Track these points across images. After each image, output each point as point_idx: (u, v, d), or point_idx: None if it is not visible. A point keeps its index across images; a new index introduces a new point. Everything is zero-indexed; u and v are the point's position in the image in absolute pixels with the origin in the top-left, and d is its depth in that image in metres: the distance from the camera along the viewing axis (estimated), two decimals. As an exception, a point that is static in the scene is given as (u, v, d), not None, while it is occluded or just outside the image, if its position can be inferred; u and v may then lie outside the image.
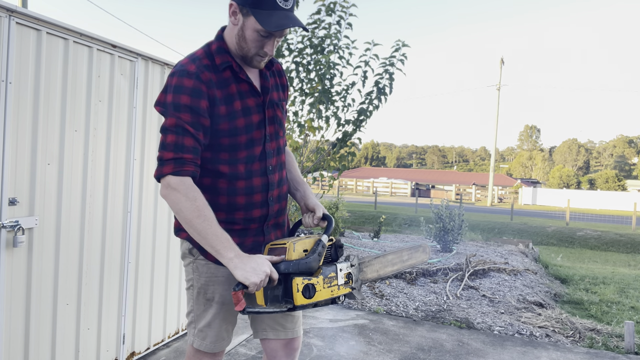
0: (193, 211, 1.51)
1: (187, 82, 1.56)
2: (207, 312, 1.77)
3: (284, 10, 1.56)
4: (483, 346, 3.88)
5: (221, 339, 1.81)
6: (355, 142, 5.24)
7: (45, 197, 2.43)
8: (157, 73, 3.19)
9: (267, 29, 1.53)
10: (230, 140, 1.64)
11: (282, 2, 1.56)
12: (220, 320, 1.79)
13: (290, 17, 1.57)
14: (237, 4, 1.58)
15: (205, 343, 1.78)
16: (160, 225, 3.31)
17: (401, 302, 5.04)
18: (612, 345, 4.02)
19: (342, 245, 1.78)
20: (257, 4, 1.54)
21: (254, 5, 1.55)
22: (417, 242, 10.07)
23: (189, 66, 1.60)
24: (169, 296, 3.46)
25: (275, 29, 1.54)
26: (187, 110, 1.54)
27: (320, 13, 5.01)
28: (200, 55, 1.65)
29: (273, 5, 1.54)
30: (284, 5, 1.56)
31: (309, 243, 1.64)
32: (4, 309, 2.26)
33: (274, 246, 1.65)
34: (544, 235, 17.64)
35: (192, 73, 1.58)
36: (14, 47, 2.21)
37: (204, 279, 1.76)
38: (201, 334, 1.77)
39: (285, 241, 1.62)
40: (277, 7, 1.55)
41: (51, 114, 2.43)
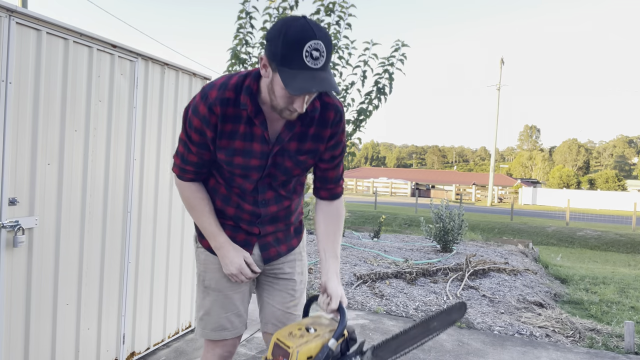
0: (188, 204, 1.80)
1: (201, 109, 1.61)
2: (205, 300, 1.87)
3: (313, 70, 1.42)
4: (483, 346, 3.88)
5: (222, 328, 1.85)
6: (355, 142, 5.24)
7: (45, 197, 2.44)
8: (157, 73, 3.19)
9: (290, 92, 1.41)
10: (227, 169, 1.73)
11: (311, 61, 1.41)
12: (219, 308, 1.85)
13: (318, 78, 1.42)
14: (267, 58, 1.48)
15: (206, 331, 1.86)
16: (160, 225, 3.31)
17: (401, 302, 5.04)
18: (612, 345, 4.02)
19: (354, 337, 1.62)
20: (284, 62, 1.42)
21: (281, 63, 1.42)
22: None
23: (211, 92, 1.60)
24: (169, 296, 3.46)
25: (297, 92, 1.40)
26: (197, 132, 1.65)
27: (320, 13, 5.01)
28: (230, 85, 1.61)
29: (301, 64, 1.40)
30: (312, 64, 1.41)
31: (314, 349, 1.52)
32: (4, 309, 2.26)
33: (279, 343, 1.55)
34: (544, 235, 17.64)
35: (208, 102, 1.59)
36: (14, 47, 2.21)
37: (202, 266, 1.89)
38: (202, 322, 1.88)
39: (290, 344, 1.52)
40: (305, 67, 1.41)
41: (51, 114, 2.43)
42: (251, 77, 1.60)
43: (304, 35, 1.39)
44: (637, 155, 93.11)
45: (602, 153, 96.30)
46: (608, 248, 16.12)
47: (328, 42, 1.43)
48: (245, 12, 5.12)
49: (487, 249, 9.32)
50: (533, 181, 52.55)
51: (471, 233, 12.83)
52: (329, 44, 1.44)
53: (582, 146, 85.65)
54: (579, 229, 18.42)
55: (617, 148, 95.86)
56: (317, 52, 1.40)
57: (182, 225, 3.54)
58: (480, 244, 10.08)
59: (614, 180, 58.39)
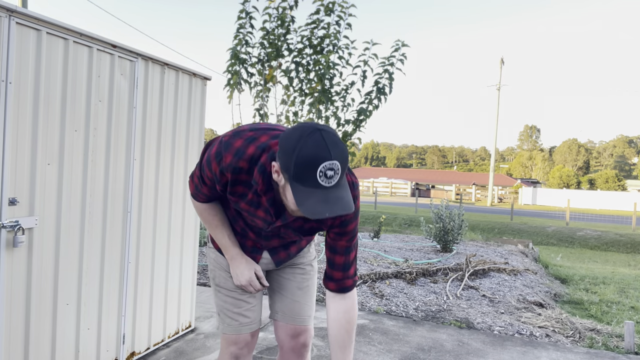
0: (202, 218, 1.84)
1: (214, 167, 1.60)
2: (218, 298, 1.96)
3: (327, 189, 1.35)
4: (483, 346, 3.88)
5: (237, 324, 1.92)
6: (355, 142, 5.24)
7: (45, 197, 2.44)
8: (157, 73, 3.19)
9: (302, 212, 1.35)
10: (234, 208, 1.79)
11: (325, 180, 1.33)
12: (231, 305, 1.92)
13: (332, 199, 1.34)
14: (279, 167, 1.41)
15: (223, 326, 1.95)
16: (160, 225, 3.31)
17: (401, 302, 5.04)
18: (612, 345, 4.02)
19: None
20: (297, 179, 1.35)
21: (294, 178, 1.35)
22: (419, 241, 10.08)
23: (226, 156, 1.56)
24: (169, 296, 3.46)
25: (309, 215, 1.34)
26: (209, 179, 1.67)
27: (319, 13, 5.01)
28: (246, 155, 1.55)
29: (314, 183, 1.33)
30: (326, 183, 1.34)
31: None
32: (4, 309, 2.26)
33: None
34: (544, 235, 17.64)
35: (221, 165, 1.58)
36: (14, 47, 2.21)
37: (212, 265, 1.97)
38: (219, 317, 1.96)
39: None
40: (318, 186, 1.34)
41: (51, 114, 2.43)
42: (268, 156, 1.53)
43: (318, 155, 1.32)
44: (637, 155, 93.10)
45: (602, 153, 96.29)
46: (608, 248, 16.12)
47: (344, 158, 1.36)
48: (245, 12, 5.13)
49: (487, 249, 9.32)
50: (533, 181, 52.54)
51: (471, 233, 12.83)
52: (345, 160, 1.37)
53: (582, 146, 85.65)
54: (579, 229, 18.42)
55: (617, 148, 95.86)
56: (332, 172, 1.33)
57: (182, 226, 3.54)
58: (480, 244, 10.08)
59: (614, 180, 58.39)
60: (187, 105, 3.51)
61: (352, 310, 1.71)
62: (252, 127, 1.63)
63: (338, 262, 1.69)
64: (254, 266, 1.84)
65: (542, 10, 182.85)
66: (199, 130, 3.67)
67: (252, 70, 5.27)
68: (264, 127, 1.63)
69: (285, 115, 5.28)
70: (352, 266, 1.72)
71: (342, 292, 1.71)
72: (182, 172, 3.51)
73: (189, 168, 3.57)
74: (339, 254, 1.69)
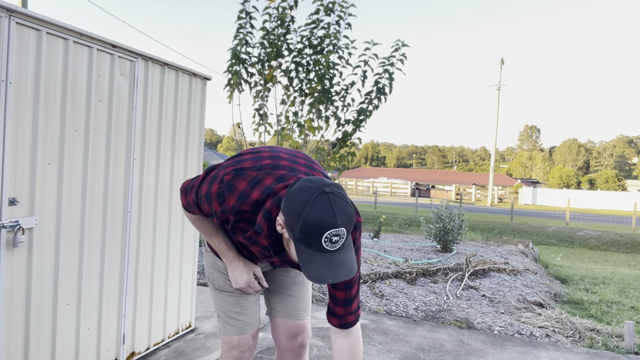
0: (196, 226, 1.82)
1: (215, 206, 1.58)
2: (217, 300, 1.95)
3: (331, 252, 1.33)
4: (483, 346, 3.88)
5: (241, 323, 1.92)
6: (355, 142, 5.24)
7: (45, 197, 2.44)
8: (157, 73, 3.19)
9: (305, 275, 1.34)
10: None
11: (329, 245, 1.32)
12: (231, 306, 1.92)
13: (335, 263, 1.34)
14: (285, 224, 1.39)
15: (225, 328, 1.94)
16: (160, 225, 3.31)
17: (401, 302, 5.04)
18: (612, 345, 4.02)
19: None
20: (303, 241, 1.33)
21: (300, 241, 1.34)
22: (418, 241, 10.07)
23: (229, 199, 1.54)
24: (169, 296, 3.46)
25: (312, 280, 1.34)
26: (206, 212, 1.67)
27: (319, 13, 5.01)
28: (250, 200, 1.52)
29: (318, 247, 1.32)
30: (331, 247, 1.32)
31: None
32: (4, 309, 2.26)
33: None
34: (544, 235, 17.64)
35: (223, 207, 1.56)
36: (14, 47, 2.21)
37: (210, 268, 1.97)
38: (220, 319, 1.96)
39: None
40: (322, 250, 1.33)
41: (51, 114, 2.43)
42: (273, 201, 1.50)
43: (324, 222, 1.30)
44: (637, 155, 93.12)
45: (602, 153, 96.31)
46: (608, 248, 16.12)
47: (350, 223, 1.34)
48: (245, 12, 5.12)
49: (487, 249, 9.32)
50: (533, 181, 52.54)
51: (471, 233, 12.82)
52: (351, 223, 1.35)
53: (582, 146, 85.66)
54: (579, 229, 18.42)
55: (617, 148, 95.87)
56: (337, 237, 1.32)
57: (182, 225, 3.54)
58: (480, 244, 10.08)
59: (614, 180, 58.38)
60: (187, 105, 3.51)
61: (357, 346, 1.67)
62: (255, 165, 1.58)
63: (339, 297, 1.64)
64: (252, 268, 1.83)
65: (542, 10, 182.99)
66: (199, 130, 3.67)
67: (252, 70, 5.27)
68: (268, 165, 1.58)
69: (285, 115, 5.28)
70: (354, 301, 1.66)
71: (345, 328, 1.66)
72: (182, 172, 3.51)
73: (189, 168, 3.57)
74: (340, 290, 1.63)
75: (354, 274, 1.35)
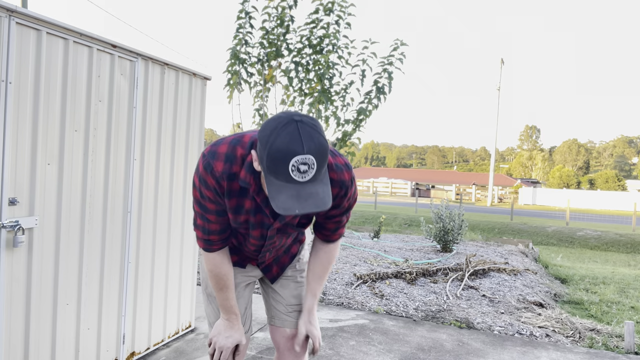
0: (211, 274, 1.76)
1: (210, 181, 1.54)
2: (210, 306, 1.95)
3: (300, 184, 1.29)
4: (483, 346, 3.88)
5: None
6: (355, 142, 5.24)
7: (45, 197, 2.44)
8: (157, 73, 3.19)
9: (273, 207, 1.30)
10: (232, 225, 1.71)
11: (297, 175, 1.27)
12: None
13: (304, 194, 1.29)
14: (257, 156, 1.38)
15: None
16: (160, 225, 3.31)
17: (401, 302, 5.04)
18: (612, 345, 4.02)
19: None
20: (270, 171, 1.29)
21: (268, 170, 1.30)
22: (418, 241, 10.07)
23: (217, 164, 1.51)
24: (169, 296, 3.46)
25: (278, 211, 1.29)
26: (211, 202, 1.59)
27: (319, 12, 5.01)
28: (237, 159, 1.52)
29: (287, 177, 1.27)
30: (300, 178, 1.27)
31: None
32: (4, 309, 2.26)
33: None
34: (544, 235, 17.64)
35: (215, 176, 1.52)
36: (14, 47, 2.21)
37: (204, 274, 1.94)
38: (210, 326, 1.94)
39: None
40: (290, 180, 1.28)
41: (51, 114, 2.43)
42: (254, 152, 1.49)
43: (290, 149, 1.25)
44: (637, 155, 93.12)
45: (602, 153, 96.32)
46: (608, 248, 16.12)
47: (320, 152, 1.28)
48: (245, 12, 5.13)
49: (487, 249, 9.31)
50: (533, 181, 52.54)
51: (471, 233, 12.82)
52: (322, 153, 1.29)
53: (582, 146, 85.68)
54: (579, 229, 18.42)
55: (617, 148, 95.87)
56: (305, 166, 1.26)
57: (182, 225, 3.54)
58: (480, 244, 10.08)
59: (614, 180, 58.40)
60: (187, 105, 3.51)
61: (334, 250, 1.83)
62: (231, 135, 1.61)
63: (328, 227, 1.75)
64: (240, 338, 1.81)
65: (542, 10, 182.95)
66: (199, 130, 3.67)
67: (252, 70, 5.27)
68: (245, 132, 1.62)
69: (285, 115, 5.28)
70: (341, 228, 1.78)
71: (328, 243, 1.82)
72: (182, 172, 3.51)
73: (189, 168, 3.57)
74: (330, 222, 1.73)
75: (326, 207, 1.30)
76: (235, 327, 1.80)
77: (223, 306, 1.78)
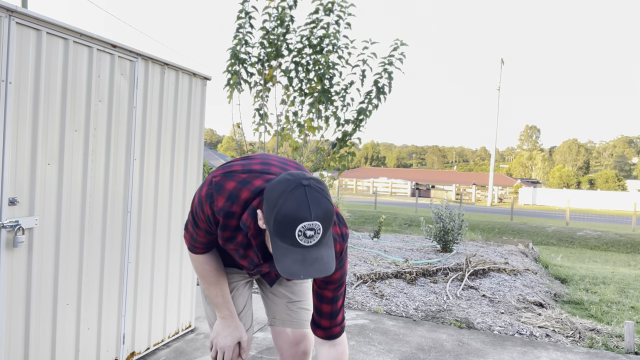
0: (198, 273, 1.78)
1: (207, 210, 1.54)
2: (209, 307, 1.93)
3: (306, 248, 1.29)
4: (483, 346, 3.88)
5: None
6: (355, 142, 5.24)
7: (45, 197, 2.44)
8: (157, 73, 3.19)
9: (279, 270, 1.30)
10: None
11: (304, 239, 1.27)
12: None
13: (309, 259, 1.29)
14: (263, 216, 1.37)
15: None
16: (160, 225, 3.31)
17: (401, 302, 5.04)
18: (612, 345, 4.02)
19: None
20: (277, 233, 1.29)
21: (274, 233, 1.30)
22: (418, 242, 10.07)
23: (218, 200, 1.51)
24: (169, 296, 3.46)
25: (284, 275, 1.29)
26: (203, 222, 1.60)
27: (319, 12, 5.01)
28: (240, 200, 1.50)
29: (293, 242, 1.27)
30: (306, 242, 1.28)
31: None
32: (4, 309, 2.26)
33: None
34: (544, 235, 17.64)
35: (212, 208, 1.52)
36: (14, 47, 2.21)
37: None
38: (211, 328, 1.91)
39: None
40: (296, 245, 1.28)
41: (51, 114, 2.43)
42: (260, 200, 1.48)
43: (298, 214, 1.26)
44: (637, 155, 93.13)
45: (602, 153, 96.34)
46: (608, 248, 16.13)
47: (327, 218, 1.29)
48: (245, 11, 5.13)
49: (487, 249, 9.31)
50: (533, 181, 52.54)
51: (471, 233, 12.82)
52: (328, 219, 1.30)
53: (582, 146, 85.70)
54: (579, 229, 18.42)
55: (617, 148, 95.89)
56: (312, 232, 1.27)
57: (182, 225, 3.54)
58: (480, 244, 10.08)
59: (614, 180, 58.41)
60: (187, 105, 3.51)
61: (343, 354, 1.68)
62: (245, 169, 1.57)
63: (325, 310, 1.64)
64: (241, 335, 1.77)
65: (542, 10, 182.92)
66: (199, 130, 3.67)
67: (252, 70, 5.27)
68: (258, 171, 1.56)
69: (285, 115, 5.28)
70: (339, 314, 1.66)
71: (330, 340, 1.66)
72: (182, 172, 3.51)
73: (189, 168, 3.57)
74: (325, 303, 1.63)
75: (329, 273, 1.30)
76: (232, 325, 1.78)
77: (215, 304, 1.77)
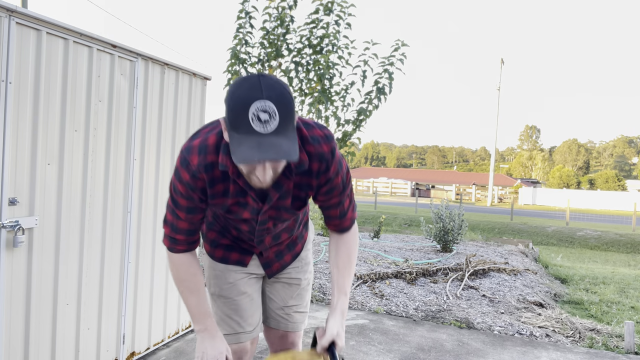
0: (176, 278, 1.70)
1: (184, 176, 1.48)
2: (215, 305, 1.88)
3: (261, 135, 1.21)
4: (483, 346, 3.88)
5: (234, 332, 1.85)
6: (355, 142, 5.24)
7: (45, 197, 2.43)
8: (157, 73, 3.19)
9: (233, 159, 1.22)
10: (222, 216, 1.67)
11: (258, 125, 1.20)
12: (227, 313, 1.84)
13: (265, 145, 1.20)
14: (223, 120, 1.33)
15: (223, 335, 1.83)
16: (160, 225, 3.31)
17: (401, 302, 5.04)
18: (612, 345, 4.02)
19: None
20: (233, 125, 1.23)
21: (230, 126, 1.24)
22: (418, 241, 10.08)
23: (192, 158, 1.46)
24: (169, 296, 3.46)
25: (238, 162, 1.21)
26: (183, 197, 1.54)
27: (319, 12, 5.01)
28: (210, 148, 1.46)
29: (247, 129, 1.20)
30: (261, 129, 1.20)
31: None
32: (4, 309, 2.26)
33: None
34: (544, 235, 17.65)
35: (191, 170, 1.47)
36: (14, 47, 2.21)
37: (207, 272, 1.90)
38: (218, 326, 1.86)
39: None
40: (252, 132, 1.20)
41: (51, 114, 2.43)
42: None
43: (249, 95, 1.20)
44: (637, 155, 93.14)
45: (602, 153, 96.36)
46: (608, 248, 16.13)
47: (282, 102, 1.22)
48: (245, 11, 5.12)
49: (487, 249, 9.31)
50: (533, 181, 52.55)
51: (471, 233, 12.82)
52: (285, 104, 1.22)
53: (582, 146, 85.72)
54: (579, 229, 18.43)
55: (617, 148, 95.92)
56: (266, 114, 1.19)
57: (182, 225, 3.54)
58: (480, 244, 10.07)
59: (614, 180, 58.42)
60: (187, 105, 3.51)
61: (351, 240, 1.72)
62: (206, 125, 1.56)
63: (333, 214, 1.65)
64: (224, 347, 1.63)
65: (542, 10, 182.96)
66: (199, 130, 3.67)
67: (252, 70, 5.27)
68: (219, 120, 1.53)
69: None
70: (348, 212, 1.66)
71: (342, 232, 1.71)
72: (182, 172, 3.51)
73: (189, 168, 3.57)
74: (333, 208, 1.63)
75: (290, 158, 1.22)
76: (216, 335, 1.64)
77: (193, 314, 1.65)
